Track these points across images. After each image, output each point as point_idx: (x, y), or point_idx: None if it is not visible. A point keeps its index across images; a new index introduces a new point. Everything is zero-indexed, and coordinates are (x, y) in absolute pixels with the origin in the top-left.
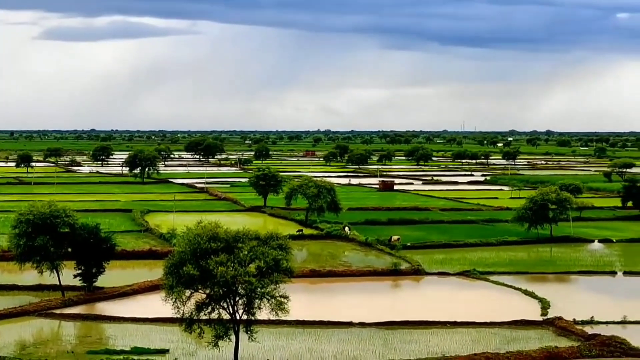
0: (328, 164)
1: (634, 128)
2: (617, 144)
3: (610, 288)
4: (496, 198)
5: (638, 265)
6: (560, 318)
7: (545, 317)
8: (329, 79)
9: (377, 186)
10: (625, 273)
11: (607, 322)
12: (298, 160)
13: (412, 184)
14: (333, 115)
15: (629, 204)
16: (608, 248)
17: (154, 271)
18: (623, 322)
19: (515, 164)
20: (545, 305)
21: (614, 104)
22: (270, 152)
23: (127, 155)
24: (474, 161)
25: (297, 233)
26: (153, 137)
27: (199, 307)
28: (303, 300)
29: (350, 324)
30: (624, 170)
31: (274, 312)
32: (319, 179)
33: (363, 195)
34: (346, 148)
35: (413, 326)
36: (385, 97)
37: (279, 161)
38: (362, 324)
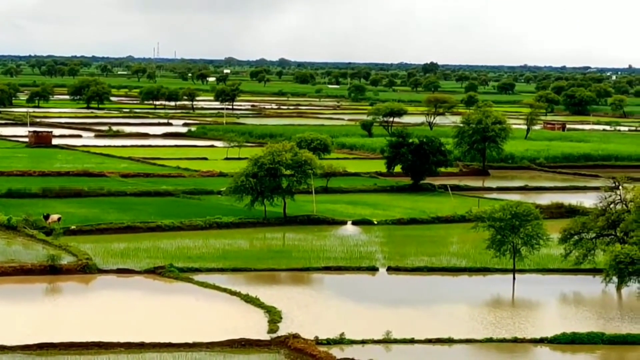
0: None
1: (404, 58)
2: (381, 80)
3: (369, 291)
4: (205, 159)
5: (407, 258)
6: (296, 336)
7: (274, 335)
8: None
9: (27, 140)
10: (390, 269)
11: (363, 342)
12: None
13: (80, 137)
14: None
15: (397, 168)
16: (366, 233)
17: None
18: (386, 341)
19: (233, 109)
20: (274, 317)
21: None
22: None
23: None
24: (172, 103)
25: None
26: None
27: None
28: None
29: None
30: (391, 119)
31: None
32: None
33: (4, 154)
34: None
35: (78, 350)
36: (34, 5)
37: None
38: (1, 348)
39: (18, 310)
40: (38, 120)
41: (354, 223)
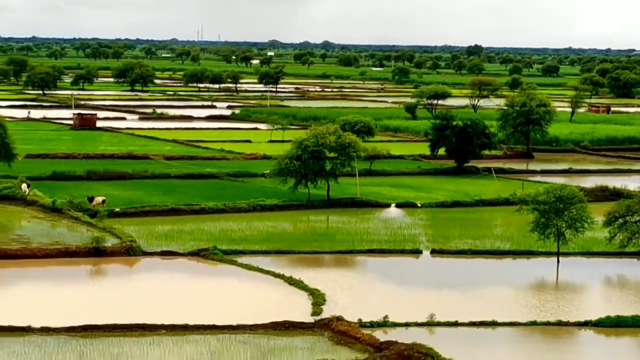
0: None
1: (447, 41)
2: (425, 63)
3: (413, 274)
4: (249, 141)
5: (450, 241)
6: (339, 319)
7: (318, 317)
8: None
9: (72, 122)
10: (434, 252)
11: (406, 324)
12: None
13: (124, 119)
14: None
15: (441, 151)
16: (410, 215)
17: None
18: (429, 324)
19: (277, 92)
20: (318, 300)
21: (422, 6)
22: None
23: None
24: (216, 86)
25: None
26: None
27: None
28: None
29: (27, 330)
30: (435, 102)
31: None
32: None
33: (49, 136)
34: (24, 63)
35: (123, 332)
36: None
37: None
38: (46, 330)
39: (62, 292)
40: (82, 102)
41: (398, 206)
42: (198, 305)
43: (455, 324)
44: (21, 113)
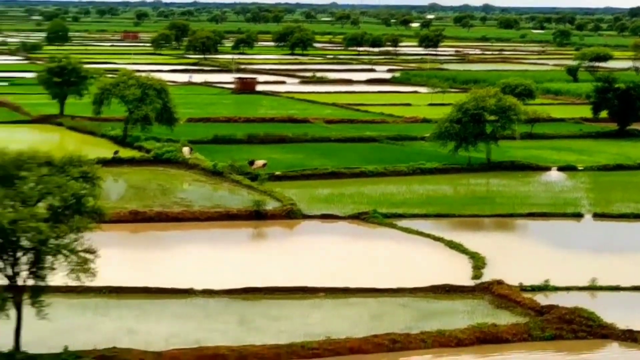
0: (158, 51)
1: (609, 2)
2: (586, 25)
3: (574, 238)
4: (409, 105)
5: (613, 204)
6: (500, 282)
7: (478, 281)
8: None
9: (232, 86)
10: (596, 216)
11: (567, 288)
12: (113, 45)
13: (284, 83)
14: None
15: (603, 114)
16: (571, 179)
17: None
18: (591, 288)
19: (437, 55)
20: (478, 263)
21: None
22: (71, 34)
23: None
24: (376, 49)
25: (113, 157)
26: None
27: None
28: (119, 258)
29: (189, 292)
30: (596, 64)
31: (75, 275)
32: (143, 74)
33: (211, 100)
34: (186, 28)
35: (283, 295)
36: None
37: (84, 47)
38: (208, 292)
39: (224, 255)
40: (243, 66)
41: (559, 169)
42: (358, 268)
43: (617, 288)
44: (183, 77)
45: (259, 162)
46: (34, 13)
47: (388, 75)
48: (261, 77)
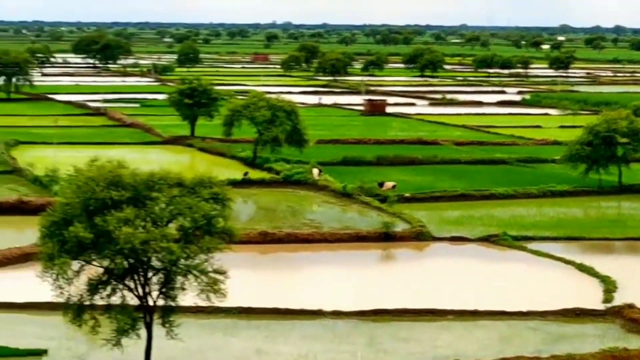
0: (288, 73)
1: None
2: None
3: None
4: (539, 127)
5: None
6: (631, 306)
7: (609, 305)
8: None
9: (362, 108)
10: None
11: None
12: (243, 67)
13: (413, 105)
14: (294, 1)
15: None
16: None
17: (26, 232)
18: None
19: (568, 77)
20: (609, 287)
21: None
22: (202, 56)
23: None
24: (506, 71)
25: (243, 178)
26: (24, 32)
27: (94, 287)
28: (249, 278)
29: (319, 314)
30: None
31: (205, 296)
32: (273, 96)
33: (340, 122)
34: (315, 50)
35: (412, 317)
36: None
37: (214, 69)
38: (337, 314)
39: (353, 276)
40: (372, 88)
41: None
42: (487, 290)
43: None
44: (313, 99)
45: (389, 184)
46: (166, 35)
47: (518, 97)
48: (391, 99)
